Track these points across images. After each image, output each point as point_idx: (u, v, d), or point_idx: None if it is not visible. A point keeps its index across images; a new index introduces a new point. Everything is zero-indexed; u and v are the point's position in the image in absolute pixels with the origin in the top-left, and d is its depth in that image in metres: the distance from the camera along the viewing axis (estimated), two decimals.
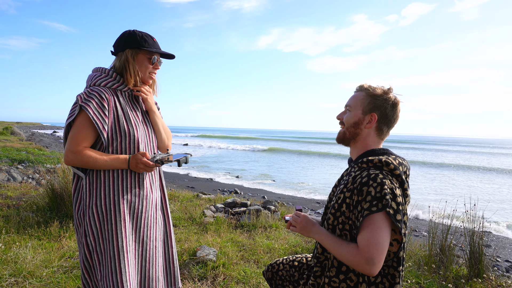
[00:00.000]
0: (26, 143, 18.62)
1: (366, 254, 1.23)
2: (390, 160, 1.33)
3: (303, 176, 15.04)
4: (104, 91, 1.57)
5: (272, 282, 1.78)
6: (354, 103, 1.46)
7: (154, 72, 1.72)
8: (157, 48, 1.69)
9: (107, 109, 1.55)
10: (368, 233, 1.24)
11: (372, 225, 1.24)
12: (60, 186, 4.39)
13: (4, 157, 10.34)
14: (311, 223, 1.46)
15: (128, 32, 1.64)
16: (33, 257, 2.97)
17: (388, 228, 1.26)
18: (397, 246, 1.31)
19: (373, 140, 1.44)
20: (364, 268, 1.24)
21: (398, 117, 1.45)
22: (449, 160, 21.62)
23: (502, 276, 3.33)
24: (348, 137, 1.47)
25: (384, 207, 1.23)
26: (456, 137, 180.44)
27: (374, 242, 1.23)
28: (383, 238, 1.24)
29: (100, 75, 1.63)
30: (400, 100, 1.44)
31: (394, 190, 1.27)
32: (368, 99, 1.43)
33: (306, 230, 1.46)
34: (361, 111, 1.43)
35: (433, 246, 3.34)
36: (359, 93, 1.47)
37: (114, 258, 1.54)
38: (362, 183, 1.29)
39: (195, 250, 3.30)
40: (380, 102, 1.41)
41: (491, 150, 44.46)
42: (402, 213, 1.27)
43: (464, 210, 3.45)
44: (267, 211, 5.04)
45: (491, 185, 13.50)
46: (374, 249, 1.22)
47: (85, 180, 1.59)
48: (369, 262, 1.22)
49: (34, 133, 37.24)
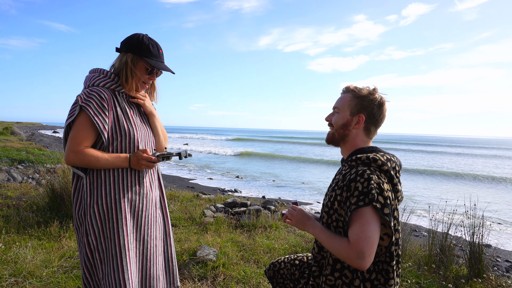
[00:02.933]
0: (26, 143, 18.63)
1: (356, 248, 1.26)
2: (378, 157, 1.37)
3: (303, 177, 15.03)
4: (103, 91, 1.58)
5: (273, 281, 1.80)
6: (342, 105, 1.49)
7: (148, 82, 1.72)
8: (161, 60, 1.69)
9: (107, 109, 1.57)
10: (357, 227, 1.28)
11: (361, 219, 1.28)
12: (60, 186, 4.39)
13: (4, 157, 10.34)
14: (306, 217, 1.49)
15: (138, 36, 1.64)
16: (33, 257, 2.97)
17: (377, 222, 1.29)
18: (388, 240, 1.33)
19: (361, 139, 1.48)
20: (355, 262, 1.27)
21: (385, 116, 1.49)
22: (455, 167, 21.58)
23: (502, 276, 3.34)
24: (337, 138, 1.51)
25: (370, 201, 1.26)
26: (456, 137, 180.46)
27: (363, 236, 1.26)
28: (372, 232, 1.27)
29: (98, 75, 1.64)
30: (386, 100, 1.49)
31: (381, 185, 1.30)
32: (355, 101, 1.46)
33: (301, 224, 1.49)
34: (349, 113, 1.47)
35: (433, 246, 3.35)
36: (346, 94, 1.51)
37: (116, 256, 1.55)
38: (350, 179, 1.33)
39: (195, 250, 3.30)
40: (366, 103, 1.45)
41: (492, 151, 44.50)
42: (390, 207, 1.30)
43: (464, 210, 3.45)
44: (267, 211, 5.05)
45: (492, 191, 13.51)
46: (364, 243, 1.25)
47: (85, 179, 1.60)
48: (360, 256, 1.26)
49: (34, 133, 37.25)
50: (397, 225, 1.36)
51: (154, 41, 1.66)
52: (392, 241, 1.32)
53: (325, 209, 1.45)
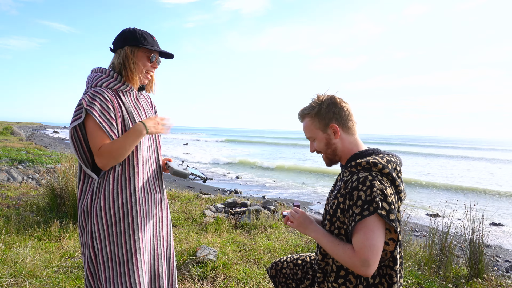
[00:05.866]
0: (26, 143, 18.63)
1: (361, 256, 1.25)
2: (378, 160, 1.34)
3: (303, 177, 15.02)
4: (106, 92, 1.57)
5: (275, 280, 1.80)
6: (311, 132, 1.50)
7: (151, 71, 1.72)
8: (157, 47, 1.69)
9: (113, 110, 1.56)
10: (361, 235, 1.26)
11: (365, 228, 1.26)
12: (60, 186, 4.39)
13: (4, 157, 10.34)
14: (308, 220, 1.48)
15: (128, 29, 1.64)
16: (33, 257, 2.97)
17: (382, 229, 1.27)
18: (393, 245, 1.32)
19: (349, 142, 1.46)
20: (360, 270, 1.26)
21: (348, 106, 1.47)
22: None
23: (502, 276, 3.34)
24: (332, 158, 1.50)
25: (375, 209, 1.24)
26: (457, 137, 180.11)
27: (368, 244, 1.25)
28: (377, 240, 1.25)
29: (101, 75, 1.62)
30: (333, 94, 1.48)
31: (384, 190, 1.28)
32: (316, 119, 1.47)
33: (303, 227, 1.48)
34: (321, 132, 1.47)
35: (433, 246, 3.35)
36: (305, 120, 1.51)
37: (123, 259, 1.55)
38: (353, 188, 1.31)
39: (195, 250, 3.30)
40: (325, 113, 1.44)
41: (491, 154, 44.15)
42: (395, 212, 1.28)
43: (464, 210, 3.45)
44: (267, 211, 5.04)
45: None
46: (368, 251, 1.24)
47: (96, 182, 1.58)
48: (365, 264, 1.25)
49: (34, 133, 37.25)
50: (399, 227, 1.36)
51: (145, 31, 1.66)
52: (397, 245, 1.32)
53: (327, 216, 1.44)
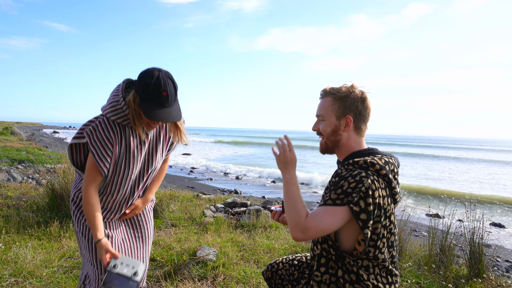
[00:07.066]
0: (26, 143, 18.63)
1: (307, 223, 1.25)
2: (376, 161, 1.32)
3: (304, 177, 15.02)
4: (111, 128, 1.57)
5: (271, 282, 1.76)
6: (325, 112, 1.43)
7: (152, 126, 1.61)
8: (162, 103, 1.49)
9: (111, 149, 1.58)
10: (322, 211, 1.26)
11: (330, 210, 1.26)
12: (60, 186, 4.39)
13: (4, 157, 10.34)
14: (294, 164, 1.39)
15: (146, 79, 1.47)
16: (33, 257, 2.97)
17: (343, 220, 1.26)
18: (364, 246, 1.29)
19: (355, 140, 1.43)
20: (296, 233, 1.26)
21: (371, 110, 1.43)
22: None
23: (502, 276, 3.34)
24: (330, 146, 1.45)
25: (348, 202, 1.23)
26: (456, 137, 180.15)
27: (320, 219, 1.24)
28: (331, 224, 1.24)
29: (115, 105, 1.55)
30: (367, 92, 1.43)
31: (371, 190, 1.24)
32: (338, 103, 1.40)
33: (285, 165, 1.38)
34: (335, 117, 1.41)
35: (433, 246, 3.35)
36: (326, 98, 1.44)
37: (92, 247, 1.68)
38: (341, 177, 1.30)
39: (195, 250, 3.30)
40: (349, 103, 1.39)
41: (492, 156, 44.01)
42: (371, 216, 1.24)
43: (464, 210, 3.45)
44: (267, 211, 5.04)
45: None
46: (316, 224, 1.24)
47: (80, 178, 1.79)
48: (303, 230, 1.25)
49: (34, 133, 37.25)
50: (393, 229, 1.34)
51: (159, 84, 1.45)
52: (368, 244, 1.29)
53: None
